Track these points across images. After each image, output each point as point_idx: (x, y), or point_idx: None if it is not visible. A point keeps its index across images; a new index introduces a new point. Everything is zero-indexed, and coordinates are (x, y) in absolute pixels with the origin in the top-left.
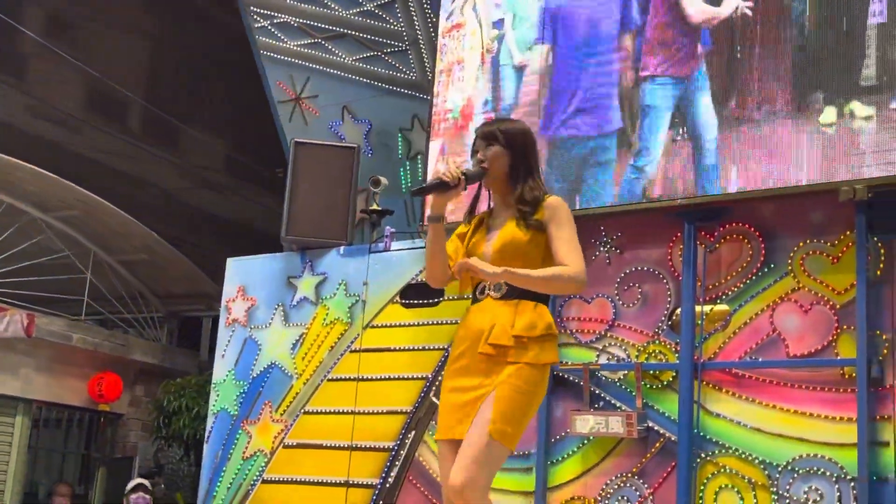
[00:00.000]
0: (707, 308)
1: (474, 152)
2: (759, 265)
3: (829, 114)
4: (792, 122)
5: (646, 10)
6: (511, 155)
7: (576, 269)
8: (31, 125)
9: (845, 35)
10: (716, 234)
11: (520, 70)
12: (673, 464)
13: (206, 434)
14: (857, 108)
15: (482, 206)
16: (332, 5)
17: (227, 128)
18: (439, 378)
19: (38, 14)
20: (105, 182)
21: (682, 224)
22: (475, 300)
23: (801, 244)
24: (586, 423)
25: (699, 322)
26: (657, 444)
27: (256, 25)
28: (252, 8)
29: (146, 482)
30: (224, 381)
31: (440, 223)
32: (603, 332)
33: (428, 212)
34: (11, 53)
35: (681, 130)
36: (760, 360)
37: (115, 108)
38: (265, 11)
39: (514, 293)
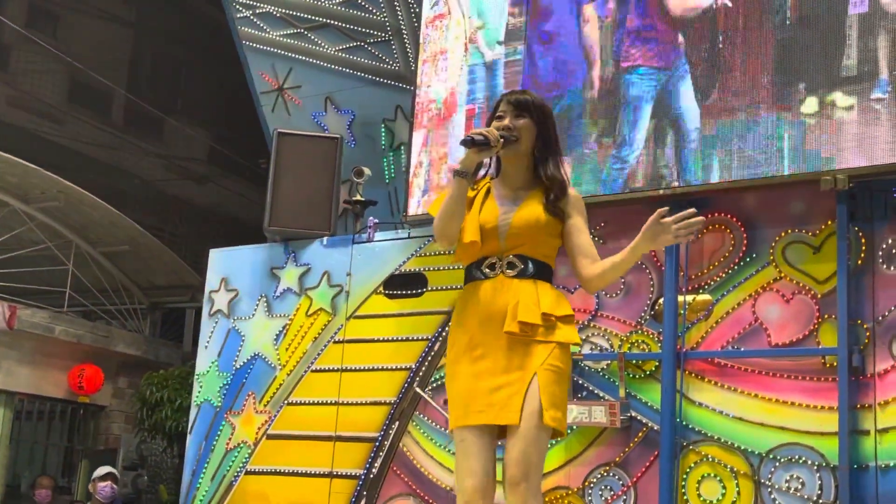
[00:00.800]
0: (689, 298)
1: (499, 117)
2: (740, 255)
3: (810, 104)
4: (773, 113)
5: (625, 1)
6: (539, 131)
7: None
8: (12, 116)
9: (826, 25)
10: None
11: (491, 66)
12: (656, 453)
13: (190, 426)
14: (839, 98)
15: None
16: None
17: (209, 119)
18: (422, 369)
19: (20, 4)
20: (87, 173)
21: None
22: (482, 276)
23: (782, 234)
24: (570, 412)
25: (682, 312)
26: (640, 434)
27: (239, 16)
28: None
29: (116, 472)
30: (207, 372)
31: (469, 179)
32: (586, 322)
33: (457, 166)
34: None
35: (663, 121)
36: (742, 349)
37: (98, 99)
38: (247, 2)
39: (527, 271)
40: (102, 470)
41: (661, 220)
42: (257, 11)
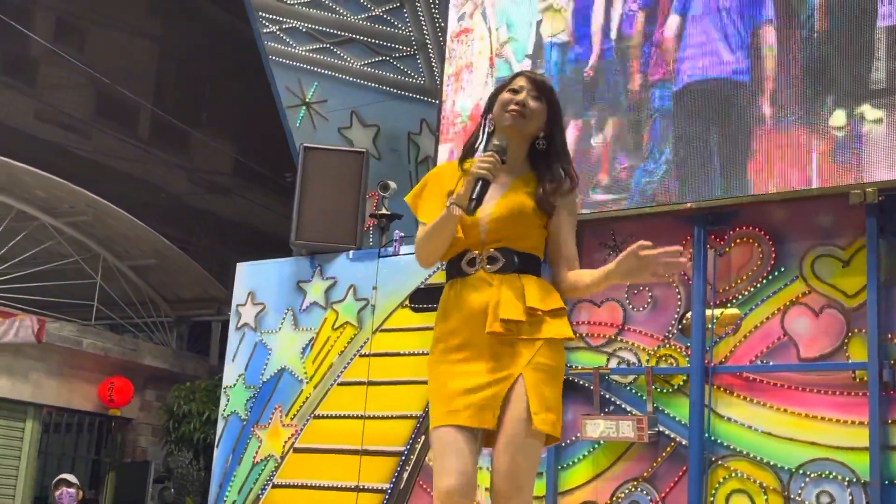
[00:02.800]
0: (717, 312)
1: (513, 90)
2: (769, 269)
3: (838, 117)
4: (802, 126)
5: (654, 16)
6: (549, 122)
7: None
8: (40, 130)
9: (854, 38)
10: (726, 237)
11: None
12: (684, 468)
13: (217, 438)
14: (867, 110)
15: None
16: (341, 10)
17: (235, 132)
18: None
19: (48, 19)
20: (114, 186)
21: (691, 228)
22: (462, 274)
23: (811, 247)
24: (597, 427)
25: (710, 326)
26: (668, 449)
27: (265, 31)
28: (261, 14)
29: (70, 477)
30: (234, 385)
31: (461, 213)
32: (613, 336)
33: (454, 198)
34: (21, 58)
35: (689, 134)
36: (771, 363)
37: (124, 113)
38: (274, 17)
39: (511, 265)
40: (56, 479)
41: (640, 252)
42: (284, 27)
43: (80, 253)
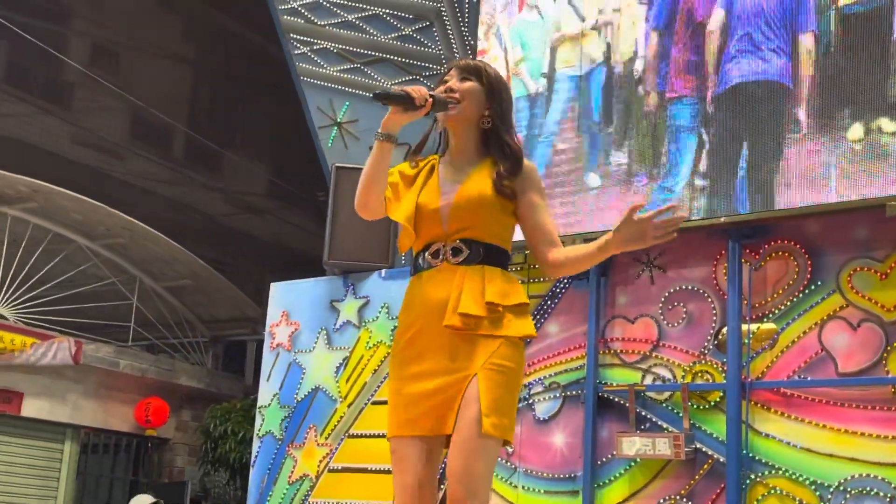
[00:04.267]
0: (754, 327)
1: (444, 81)
2: (805, 282)
3: (873, 128)
4: (837, 138)
5: (670, 32)
6: (489, 99)
7: None
8: (76, 153)
9: (884, 51)
10: (761, 251)
11: (534, 98)
12: (722, 485)
13: (252, 458)
14: None
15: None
16: (371, 30)
17: (268, 153)
18: None
19: (83, 44)
20: (149, 208)
21: (726, 242)
22: (425, 266)
23: (848, 261)
24: (633, 445)
25: (746, 341)
26: (705, 466)
27: (296, 52)
28: (291, 35)
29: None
30: (269, 405)
31: (391, 143)
32: (648, 353)
33: (380, 128)
34: (56, 83)
35: (718, 149)
36: (809, 378)
37: (159, 135)
38: (305, 38)
39: (476, 256)
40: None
41: (634, 216)
42: (314, 48)
43: (116, 275)
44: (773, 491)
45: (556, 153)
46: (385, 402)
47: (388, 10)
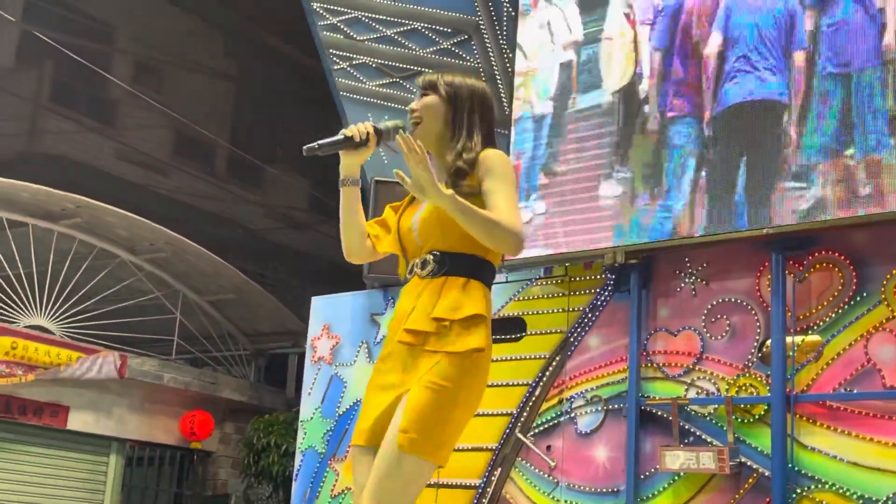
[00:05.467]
0: (798, 339)
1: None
2: (850, 294)
3: None
4: (880, 148)
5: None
6: (451, 109)
7: (514, 225)
8: (120, 169)
9: None
10: (805, 263)
11: (539, 120)
12: (767, 500)
13: (295, 472)
14: None
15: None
16: (410, 45)
17: (309, 167)
18: (524, 414)
19: (126, 61)
20: (192, 223)
21: (769, 253)
22: (404, 281)
23: (894, 272)
24: (676, 458)
25: (790, 353)
26: (750, 480)
27: (336, 67)
28: (331, 51)
29: None
30: (311, 418)
31: (353, 186)
32: (691, 366)
33: (341, 175)
34: (101, 101)
35: (759, 160)
36: (855, 391)
37: (201, 151)
38: (344, 53)
39: (441, 269)
40: None
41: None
42: (354, 63)
43: (160, 289)
44: None
45: (560, 174)
46: None
47: (426, 25)
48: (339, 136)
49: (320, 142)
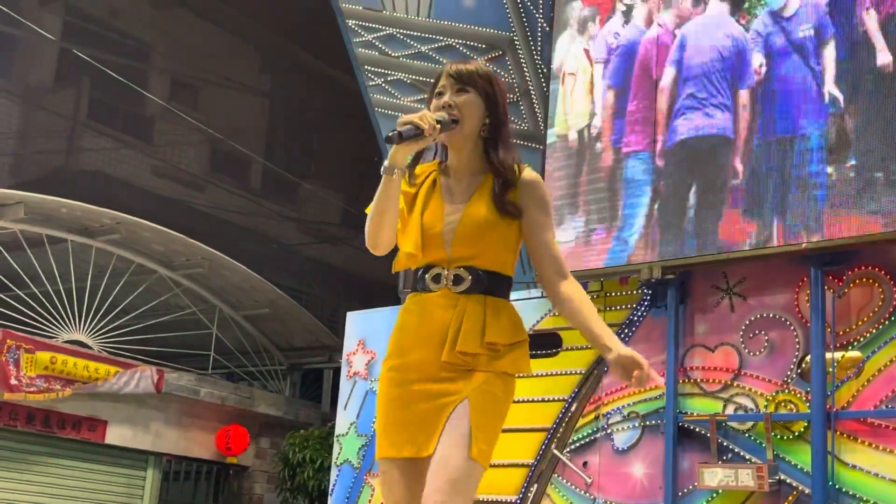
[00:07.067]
0: (838, 355)
1: (438, 94)
2: (891, 310)
3: None
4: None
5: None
6: (487, 108)
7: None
8: (157, 185)
9: None
10: (844, 278)
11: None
12: None
13: (331, 487)
14: None
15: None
16: (444, 61)
17: (343, 182)
18: (560, 430)
19: (163, 80)
20: (228, 238)
21: (808, 269)
22: (425, 289)
23: None
24: (715, 475)
25: (830, 370)
26: (790, 498)
27: (370, 84)
28: (366, 67)
29: None
30: (346, 433)
31: (400, 176)
32: (729, 382)
33: (386, 161)
34: (138, 118)
35: (799, 177)
36: None
37: (237, 167)
38: (379, 70)
39: (479, 286)
40: None
41: (636, 371)
42: (388, 79)
43: (196, 304)
44: None
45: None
46: None
47: (460, 41)
48: (413, 127)
49: (402, 131)
